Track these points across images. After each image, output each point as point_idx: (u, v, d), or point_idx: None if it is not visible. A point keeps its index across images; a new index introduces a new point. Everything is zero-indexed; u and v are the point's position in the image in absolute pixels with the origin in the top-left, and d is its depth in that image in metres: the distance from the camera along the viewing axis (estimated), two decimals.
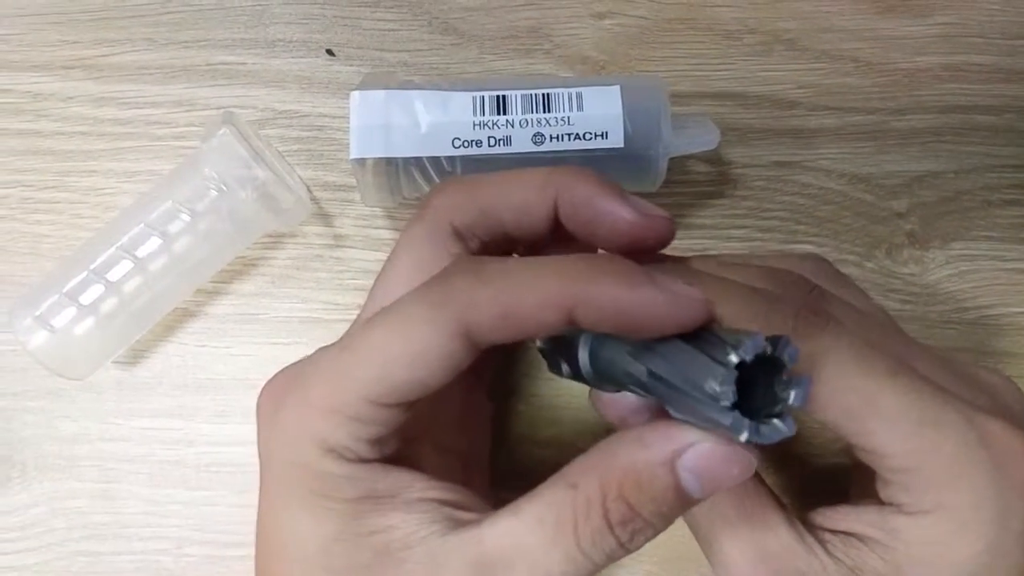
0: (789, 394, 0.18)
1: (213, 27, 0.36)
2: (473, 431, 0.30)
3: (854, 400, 0.21)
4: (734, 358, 0.18)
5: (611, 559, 0.21)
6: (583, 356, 0.22)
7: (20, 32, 0.37)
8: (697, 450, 0.20)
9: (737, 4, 0.36)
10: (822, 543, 0.22)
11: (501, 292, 0.21)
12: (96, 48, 0.36)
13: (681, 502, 0.20)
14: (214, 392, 0.35)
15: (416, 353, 0.21)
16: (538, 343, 0.24)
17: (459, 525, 0.22)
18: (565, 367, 0.23)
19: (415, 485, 0.23)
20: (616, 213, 0.23)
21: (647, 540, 0.21)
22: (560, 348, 0.23)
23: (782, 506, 0.23)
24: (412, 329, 0.21)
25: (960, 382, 0.24)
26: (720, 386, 0.18)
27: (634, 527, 0.20)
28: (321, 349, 0.24)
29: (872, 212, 0.35)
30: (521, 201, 0.25)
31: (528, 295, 0.21)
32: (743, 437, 0.18)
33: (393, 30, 0.36)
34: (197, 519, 0.34)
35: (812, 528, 0.23)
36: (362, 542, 0.22)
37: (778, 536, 0.22)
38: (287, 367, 0.25)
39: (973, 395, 0.23)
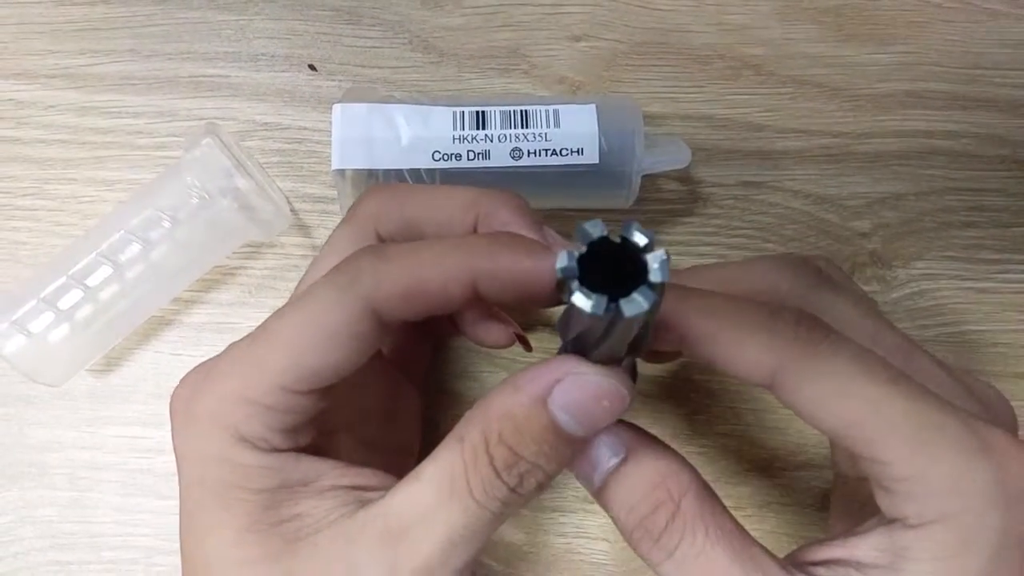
0: (652, 268, 0.18)
1: (197, 40, 0.37)
2: (400, 426, 0.31)
3: (856, 407, 0.21)
4: (578, 242, 0.18)
5: (508, 506, 0.21)
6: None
7: (3, 41, 0.37)
8: (564, 386, 0.20)
9: (707, 30, 0.38)
10: None
11: (405, 269, 0.22)
12: (80, 58, 0.37)
13: (562, 442, 0.21)
14: None
15: (325, 336, 0.22)
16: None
17: (369, 503, 0.22)
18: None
19: (328, 473, 0.23)
20: None
21: (540, 485, 0.21)
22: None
23: (770, 552, 0.22)
24: (320, 313, 0.22)
25: (957, 389, 0.24)
26: (566, 262, 0.18)
27: (519, 470, 0.21)
28: (232, 343, 0.24)
29: (836, 232, 0.36)
30: (445, 218, 0.26)
31: (431, 271, 0.22)
32: (597, 308, 0.17)
33: (374, 47, 0.37)
34: (168, 529, 0.34)
35: (801, 566, 0.22)
36: (274, 531, 0.22)
37: None
38: (199, 364, 0.25)
39: (969, 404, 0.24)
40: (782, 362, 0.21)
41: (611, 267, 0.18)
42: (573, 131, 0.32)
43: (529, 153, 0.32)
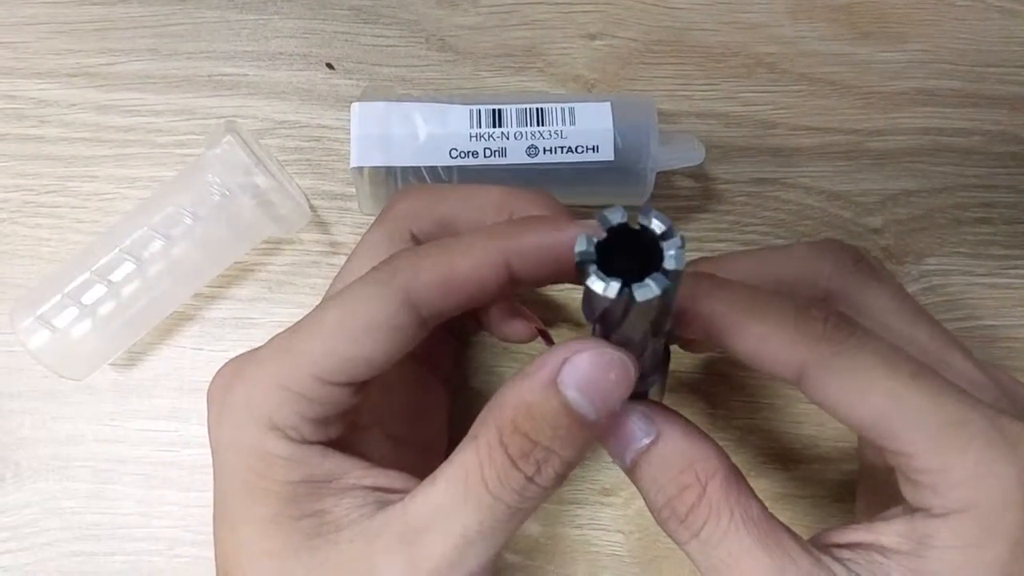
0: (667, 256, 0.18)
1: (216, 39, 0.38)
2: (428, 422, 0.31)
3: (881, 403, 0.21)
4: (598, 226, 0.18)
5: (526, 499, 0.21)
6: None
7: (26, 40, 0.37)
8: (572, 364, 0.21)
9: (721, 28, 0.38)
10: (841, 561, 0.22)
11: (440, 260, 0.23)
12: (100, 57, 0.37)
13: (577, 424, 0.21)
14: None
15: (364, 328, 0.22)
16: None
17: (389, 505, 0.23)
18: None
19: (352, 472, 0.24)
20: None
21: (559, 473, 0.22)
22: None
23: (793, 532, 0.23)
24: (360, 306, 0.23)
25: (987, 384, 0.25)
26: (584, 246, 0.18)
27: (537, 457, 0.21)
28: (275, 335, 0.25)
29: (849, 228, 0.36)
30: (478, 217, 0.26)
31: (465, 258, 0.23)
32: (610, 292, 0.18)
33: (391, 46, 0.38)
34: (189, 520, 0.35)
35: (826, 548, 0.23)
36: (296, 525, 0.23)
37: (796, 563, 0.22)
38: (238, 355, 0.25)
39: (995, 397, 0.24)
40: (809, 359, 0.22)
41: (630, 253, 0.19)
42: (588, 128, 0.33)
43: (545, 151, 0.33)
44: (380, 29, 0.38)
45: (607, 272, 0.18)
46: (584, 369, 0.21)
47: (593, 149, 0.33)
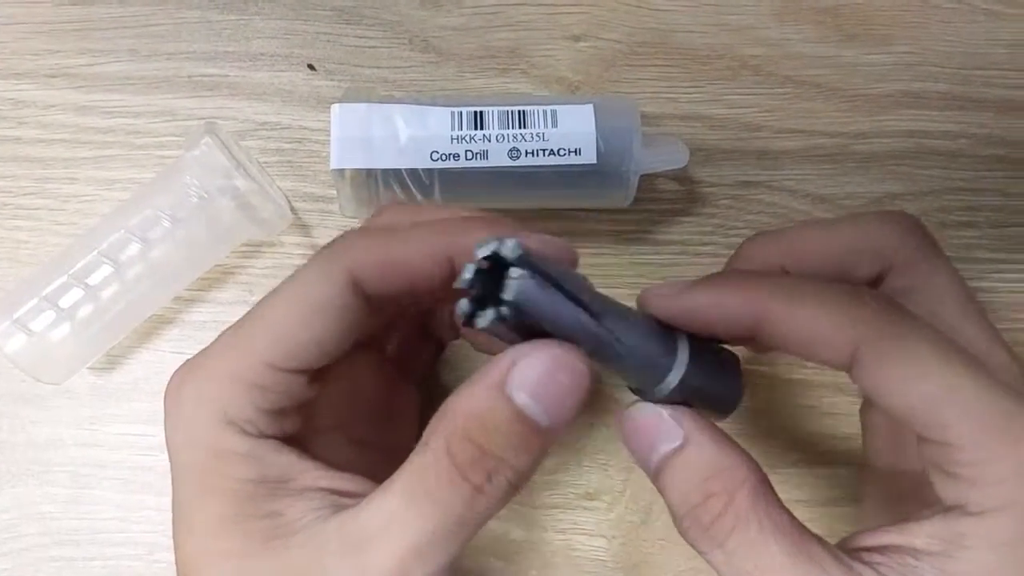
0: (505, 284, 0.19)
1: (196, 40, 0.37)
2: (396, 425, 0.31)
3: (932, 390, 0.21)
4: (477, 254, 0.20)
5: (474, 510, 0.21)
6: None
7: (4, 40, 0.37)
8: (520, 368, 0.20)
9: (706, 30, 0.38)
10: (871, 566, 0.22)
11: (385, 242, 0.23)
12: (79, 58, 0.37)
13: (531, 432, 0.20)
14: None
15: (310, 310, 0.22)
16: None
17: (343, 509, 0.22)
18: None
19: (308, 473, 0.23)
20: None
21: (512, 484, 0.21)
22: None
23: (823, 541, 0.22)
24: (305, 287, 0.23)
25: None
26: (465, 273, 0.19)
27: (486, 467, 0.20)
28: (223, 330, 0.24)
29: None
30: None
31: (410, 245, 0.23)
32: (461, 316, 0.19)
33: (373, 47, 0.37)
34: (168, 525, 0.33)
35: (855, 552, 0.22)
36: (251, 525, 0.22)
37: (827, 572, 0.21)
38: (191, 356, 0.25)
39: None
40: (862, 341, 0.22)
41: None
42: (571, 131, 0.32)
43: (527, 153, 0.32)
44: (362, 30, 0.37)
45: (491, 296, 0.19)
46: (532, 372, 0.20)
47: (575, 152, 0.32)
